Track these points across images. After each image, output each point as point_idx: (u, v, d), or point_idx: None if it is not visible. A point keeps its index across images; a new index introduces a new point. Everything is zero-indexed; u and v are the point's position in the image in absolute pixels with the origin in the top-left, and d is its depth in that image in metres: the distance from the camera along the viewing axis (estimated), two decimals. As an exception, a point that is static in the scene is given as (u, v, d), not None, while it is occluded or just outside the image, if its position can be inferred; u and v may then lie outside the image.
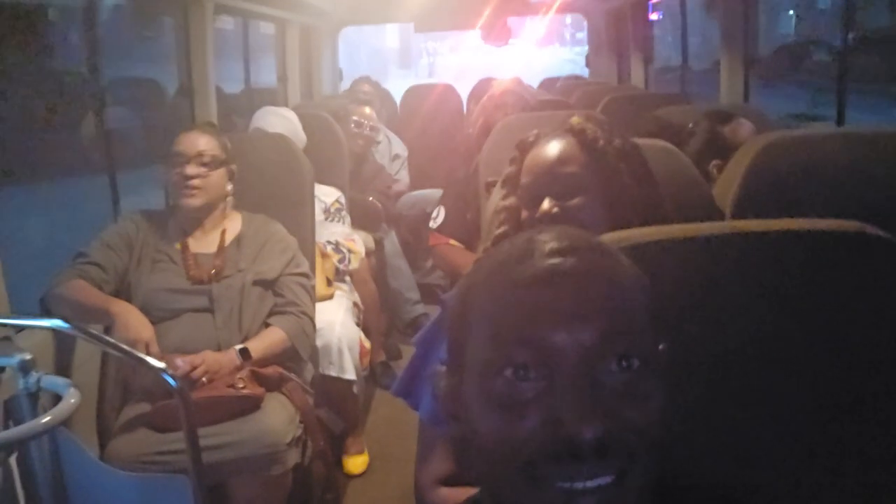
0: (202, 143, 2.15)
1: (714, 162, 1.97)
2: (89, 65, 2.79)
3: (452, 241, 2.77)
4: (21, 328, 1.70)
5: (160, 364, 1.56)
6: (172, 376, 1.54)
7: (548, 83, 5.50)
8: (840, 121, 2.75)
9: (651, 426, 0.58)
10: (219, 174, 2.16)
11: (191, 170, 2.09)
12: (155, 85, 4.36)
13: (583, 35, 15.75)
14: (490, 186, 2.03)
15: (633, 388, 0.58)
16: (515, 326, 0.60)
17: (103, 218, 2.30)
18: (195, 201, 2.11)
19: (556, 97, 3.88)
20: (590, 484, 0.56)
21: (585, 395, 0.56)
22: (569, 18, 15.56)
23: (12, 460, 1.57)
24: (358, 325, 2.84)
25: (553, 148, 1.33)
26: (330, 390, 2.58)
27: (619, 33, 5.04)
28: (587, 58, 5.69)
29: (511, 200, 1.37)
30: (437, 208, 3.62)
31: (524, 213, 1.32)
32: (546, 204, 1.26)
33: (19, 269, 1.80)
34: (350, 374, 2.58)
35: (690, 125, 2.10)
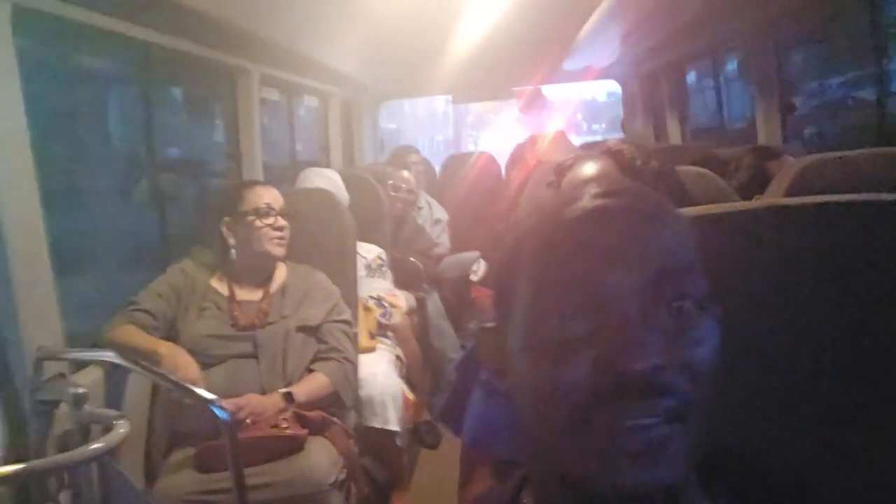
0: (275, 195, 2.29)
1: (758, 196, 1.97)
2: (148, 149, 2.98)
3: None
4: (76, 368, 1.75)
5: (209, 395, 1.58)
6: (220, 408, 1.57)
7: (586, 147, 5.57)
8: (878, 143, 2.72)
9: (704, 370, 0.56)
10: (289, 227, 2.27)
11: (281, 221, 2.24)
12: (201, 164, 4.55)
13: (598, 126, 16.23)
14: None
15: (686, 331, 0.56)
16: (563, 268, 0.58)
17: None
18: (282, 251, 2.24)
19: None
20: (639, 422, 0.54)
21: (634, 334, 0.55)
22: (579, 115, 16.07)
23: (63, 497, 1.60)
24: (401, 378, 2.83)
25: (590, 168, 1.36)
26: (374, 442, 2.56)
27: (654, 94, 5.12)
28: (622, 122, 5.77)
29: None
30: (477, 262, 3.65)
31: None
32: None
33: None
34: (393, 426, 2.56)
35: (733, 164, 2.11)
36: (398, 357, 2.96)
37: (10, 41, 1.56)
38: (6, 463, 1.51)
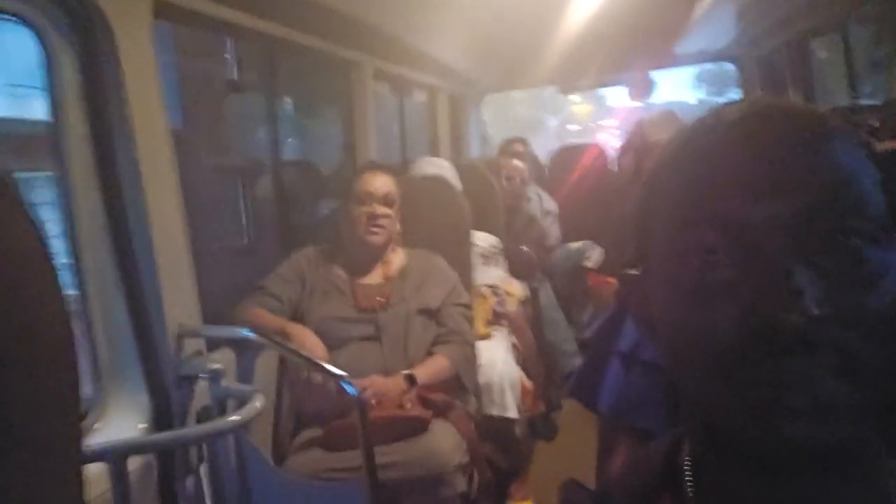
0: (388, 184, 2.28)
1: None
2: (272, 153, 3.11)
3: (611, 279, 2.70)
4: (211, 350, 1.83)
5: (339, 372, 1.60)
6: (349, 383, 1.59)
7: None
8: None
9: (875, 318, 0.47)
10: (395, 214, 2.27)
11: (379, 209, 2.21)
12: (310, 165, 4.69)
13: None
14: None
15: (854, 273, 0.47)
16: (702, 203, 0.51)
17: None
18: (378, 239, 2.22)
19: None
20: (795, 386, 0.46)
21: (784, 278, 0.47)
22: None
23: (202, 470, 1.66)
24: (518, 366, 2.80)
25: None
26: (493, 430, 2.53)
27: (775, 75, 4.85)
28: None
29: None
30: (591, 249, 3.57)
31: None
32: None
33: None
34: (512, 413, 2.53)
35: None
36: (514, 345, 2.92)
37: (151, 34, 1.64)
38: (152, 433, 1.60)
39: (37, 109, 1.69)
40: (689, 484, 0.59)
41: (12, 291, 0.60)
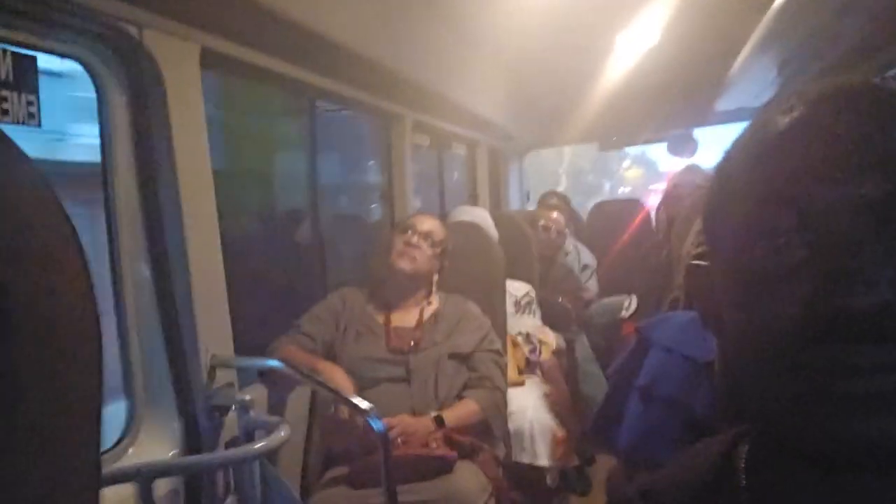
0: (432, 224, 2.39)
1: None
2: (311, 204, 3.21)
3: (643, 326, 2.68)
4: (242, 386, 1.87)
5: (365, 405, 1.62)
6: (375, 418, 1.60)
7: None
8: None
9: None
10: (433, 254, 2.32)
11: (414, 239, 2.28)
12: (359, 218, 4.80)
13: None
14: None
15: None
16: (775, 184, 0.49)
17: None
18: (406, 265, 2.26)
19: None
20: (864, 376, 0.45)
21: (860, 262, 0.45)
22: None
23: (229, 501, 1.68)
24: (551, 415, 2.77)
25: None
26: (522, 478, 2.50)
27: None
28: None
29: None
30: (628, 299, 3.54)
31: None
32: None
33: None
34: (542, 461, 2.50)
35: None
36: (547, 394, 2.90)
37: (198, 81, 1.75)
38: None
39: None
40: (744, 484, 0.57)
41: (42, 290, 0.64)
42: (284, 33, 1.88)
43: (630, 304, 3.31)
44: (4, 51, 1.32)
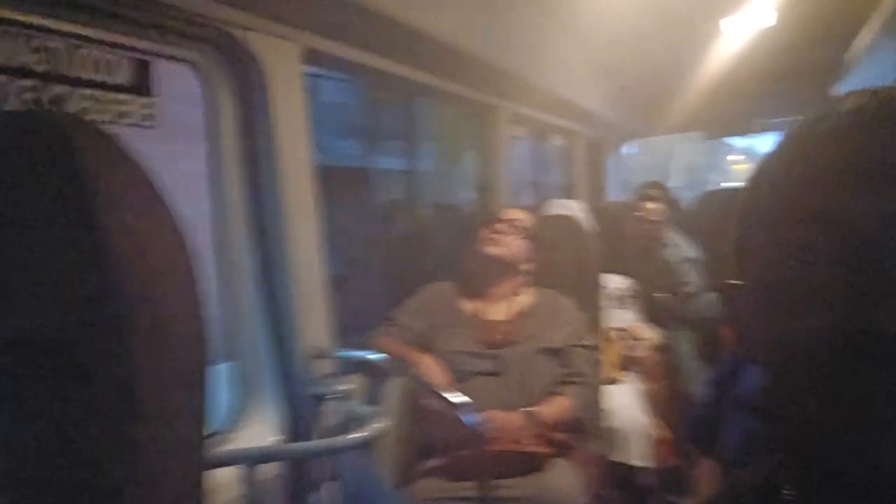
0: (519, 213, 2.40)
1: None
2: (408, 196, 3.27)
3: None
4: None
5: (458, 399, 1.64)
6: (468, 413, 1.61)
7: None
8: None
9: None
10: (522, 243, 2.31)
11: (501, 227, 2.30)
12: (455, 209, 4.85)
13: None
14: None
15: None
16: (800, 198, 0.47)
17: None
18: (494, 249, 2.26)
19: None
20: None
21: (888, 281, 0.43)
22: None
23: (328, 488, 1.74)
24: (648, 414, 2.70)
25: None
26: (618, 477, 2.46)
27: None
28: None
29: None
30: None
31: None
32: None
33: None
34: (638, 460, 2.44)
35: None
36: (644, 392, 2.83)
37: (300, 79, 1.80)
38: (282, 447, 1.70)
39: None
40: None
41: (154, 293, 0.68)
42: (382, 30, 1.90)
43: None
44: (125, 58, 1.40)
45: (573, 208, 3.12)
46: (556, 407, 2.10)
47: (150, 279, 0.62)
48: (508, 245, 2.28)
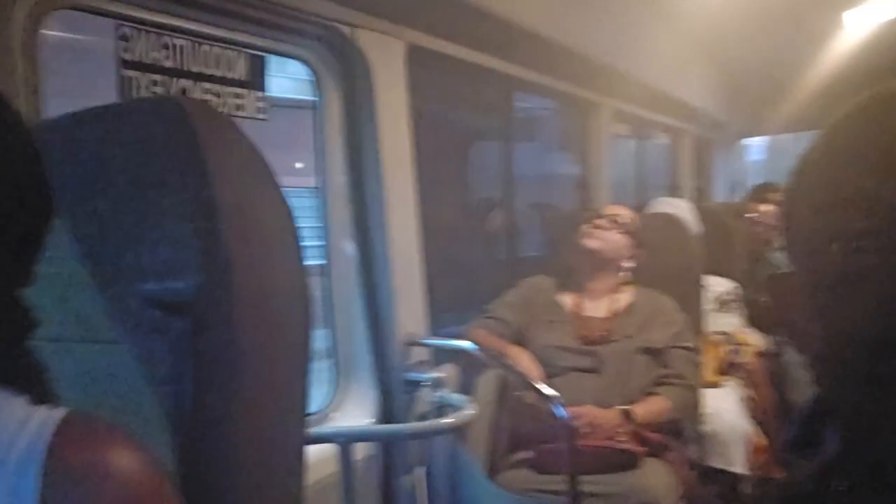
0: (620, 209, 2.37)
1: None
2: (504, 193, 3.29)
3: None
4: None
5: (551, 392, 1.65)
6: (560, 406, 1.62)
7: None
8: None
9: None
10: (622, 238, 2.28)
11: (600, 221, 2.28)
12: (554, 207, 4.84)
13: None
14: None
15: None
16: (843, 186, 0.47)
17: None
18: (592, 243, 2.24)
19: None
20: None
21: None
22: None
23: (419, 472, 1.79)
24: (751, 420, 2.61)
25: None
26: (716, 483, 2.39)
27: None
28: None
29: None
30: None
31: None
32: None
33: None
34: (738, 468, 2.36)
35: None
36: (747, 399, 2.73)
37: (404, 76, 1.86)
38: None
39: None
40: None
41: (262, 268, 0.73)
42: (484, 26, 1.94)
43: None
44: (241, 54, 1.50)
45: (678, 207, 3.04)
46: (653, 407, 2.07)
47: (258, 249, 0.67)
48: (607, 239, 2.26)
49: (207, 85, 1.41)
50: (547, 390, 1.65)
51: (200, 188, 0.63)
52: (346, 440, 1.49)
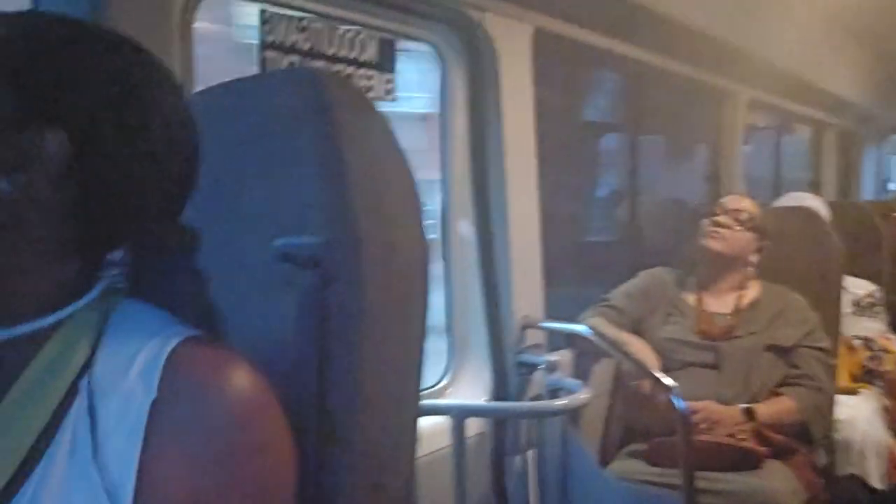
0: (742, 202, 2.24)
1: None
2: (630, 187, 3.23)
3: None
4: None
5: (669, 382, 1.61)
6: (678, 397, 1.59)
7: None
8: None
9: None
10: (747, 236, 2.18)
11: (722, 218, 2.17)
12: (682, 202, 4.69)
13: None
14: None
15: None
16: None
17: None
18: (714, 244, 2.15)
19: None
20: None
21: None
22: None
23: (529, 455, 1.80)
24: (889, 431, 2.43)
25: None
26: (844, 493, 2.24)
27: None
28: None
29: None
30: None
31: None
32: None
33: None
34: (874, 481, 2.21)
35: None
36: (887, 408, 2.54)
37: (530, 61, 1.86)
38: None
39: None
40: None
41: (388, 244, 0.77)
42: (612, 9, 1.91)
43: None
44: (372, 37, 1.56)
45: (808, 202, 2.86)
46: (778, 407, 1.98)
47: (384, 214, 0.71)
48: (728, 239, 2.15)
49: (340, 66, 1.48)
50: (666, 380, 1.62)
51: (331, 151, 0.67)
52: (459, 414, 1.53)
